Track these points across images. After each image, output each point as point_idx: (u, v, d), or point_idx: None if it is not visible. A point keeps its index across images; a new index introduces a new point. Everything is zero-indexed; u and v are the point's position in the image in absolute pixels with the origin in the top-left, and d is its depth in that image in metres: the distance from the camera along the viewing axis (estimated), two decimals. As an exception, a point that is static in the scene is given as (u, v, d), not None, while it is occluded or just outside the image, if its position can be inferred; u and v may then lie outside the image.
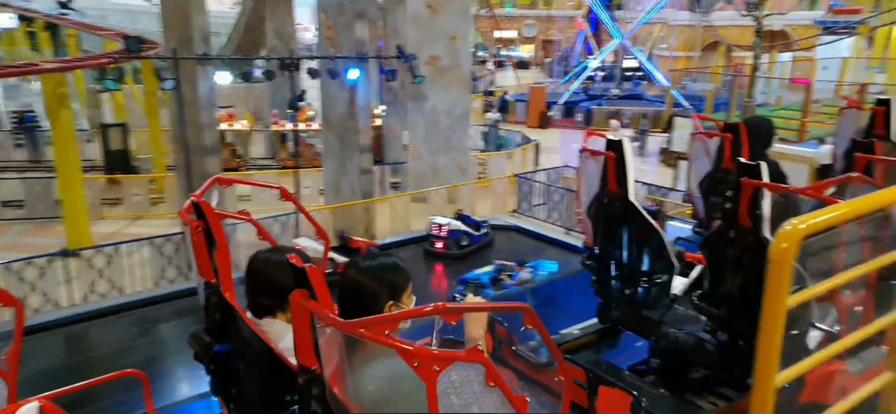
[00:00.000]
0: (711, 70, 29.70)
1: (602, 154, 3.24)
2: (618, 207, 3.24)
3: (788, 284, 1.88)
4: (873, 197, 2.04)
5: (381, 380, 1.54)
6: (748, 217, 2.71)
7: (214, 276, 2.19)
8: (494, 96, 28.16)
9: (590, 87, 29.92)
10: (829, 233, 1.77)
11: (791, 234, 1.98)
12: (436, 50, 13.90)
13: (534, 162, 18.81)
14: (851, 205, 2.02)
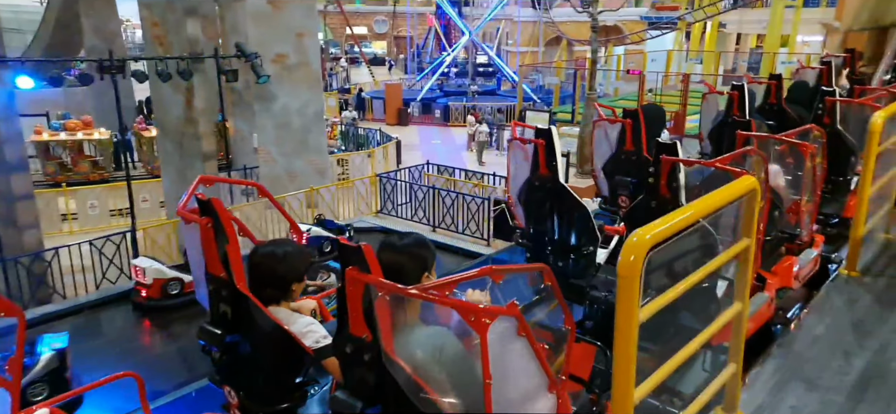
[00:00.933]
0: (556, 64, 31.47)
1: (532, 141, 3.56)
2: (548, 188, 3.55)
3: (638, 297, 1.85)
4: (712, 197, 2.21)
5: (429, 341, 1.82)
6: (667, 189, 3.11)
7: (224, 270, 2.26)
8: (350, 94, 27.56)
9: (445, 83, 30.37)
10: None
11: (637, 245, 1.92)
12: (282, 47, 13.08)
13: (396, 160, 18.60)
14: (694, 207, 2.13)
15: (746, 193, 2.58)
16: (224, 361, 2.36)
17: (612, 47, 33.47)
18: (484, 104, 25.55)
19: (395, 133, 21.10)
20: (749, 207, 2.59)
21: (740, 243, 2.58)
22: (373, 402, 1.89)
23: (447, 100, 27.17)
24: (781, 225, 3.95)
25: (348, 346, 1.90)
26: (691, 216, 2.16)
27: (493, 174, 15.31)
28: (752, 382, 3.13)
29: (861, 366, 3.17)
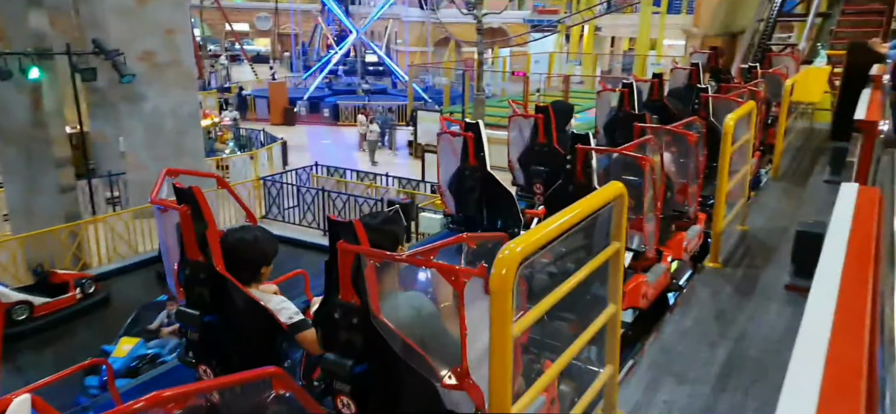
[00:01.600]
0: (445, 65, 31.80)
1: (461, 134, 3.96)
2: (477, 176, 3.96)
3: (511, 312, 1.78)
4: (582, 205, 2.27)
5: (409, 303, 2.10)
6: (582, 174, 3.57)
7: (202, 254, 2.39)
8: (231, 93, 26.15)
9: (334, 82, 29.67)
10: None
11: (508, 259, 1.86)
12: (149, 44, 12.03)
13: (282, 161, 17.84)
14: (562, 216, 2.16)
15: (615, 199, 2.61)
16: (203, 340, 2.46)
17: (498, 49, 34.34)
18: (375, 103, 25.24)
19: (280, 133, 20.26)
20: (618, 211, 2.62)
21: (611, 247, 2.61)
22: (360, 361, 2.09)
23: (336, 99, 26.56)
24: (672, 205, 4.41)
25: (337, 311, 2.11)
26: (561, 226, 2.15)
27: (386, 174, 15.10)
28: (628, 380, 3.21)
29: (724, 356, 3.36)
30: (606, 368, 2.68)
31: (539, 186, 4.28)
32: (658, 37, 30.52)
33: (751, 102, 4.58)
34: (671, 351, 3.43)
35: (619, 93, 5.18)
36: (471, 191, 4.01)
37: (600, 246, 2.56)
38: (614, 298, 2.69)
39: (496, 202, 3.91)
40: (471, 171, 3.98)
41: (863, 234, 2.33)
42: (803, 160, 7.35)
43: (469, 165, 3.96)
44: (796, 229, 3.97)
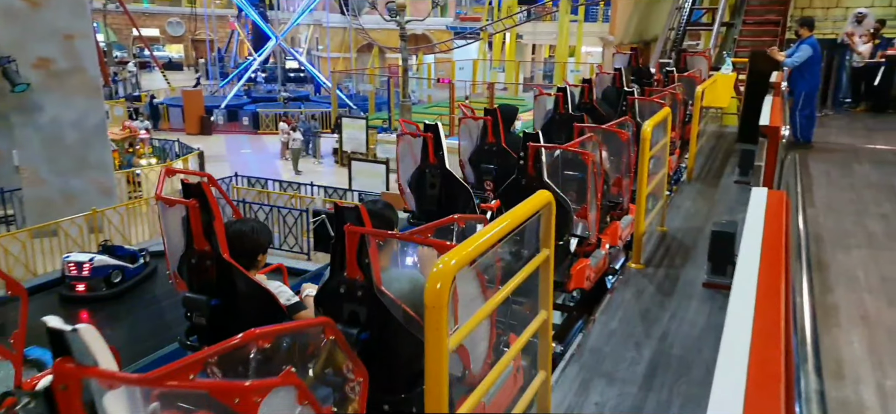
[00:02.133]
0: (369, 71, 31.52)
1: (421, 135, 4.22)
2: (437, 174, 4.19)
3: (447, 326, 1.73)
4: (513, 214, 2.29)
5: (406, 277, 2.52)
6: (533, 169, 3.90)
7: (208, 244, 2.62)
8: (141, 102, 24.76)
9: (252, 89, 28.72)
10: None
11: (443, 273, 1.81)
12: (45, 51, 11.13)
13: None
14: (495, 226, 2.18)
15: (544, 207, 2.61)
16: (208, 324, 2.68)
17: (423, 55, 34.40)
18: (297, 111, 24.62)
19: (197, 143, 19.35)
20: (547, 219, 2.62)
21: (541, 254, 2.61)
22: (364, 330, 2.36)
23: (256, 107, 25.70)
24: (609, 197, 4.72)
25: (343, 287, 2.37)
26: (493, 237, 2.15)
27: (310, 183, 14.69)
28: (560, 383, 3.23)
29: (649, 355, 3.44)
30: (539, 373, 2.67)
31: (489, 183, 4.57)
32: (577, 44, 31.56)
33: (666, 109, 4.77)
34: (600, 352, 3.48)
35: (554, 96, 5.59)
36: (431, 187, 4.29)
37: (533, 249, 2.57)
38: (545, 305, 2.68)
39: (455, 198, 4.10)
40: (430, 169, 4.24)
41: (774, 234, 2.46)
42: (715, 162, 7.76)
43: (429, 164, 4.22)
44: (711, 229, 4.14)
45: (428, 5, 28.18)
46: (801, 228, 4.80)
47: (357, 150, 19.28)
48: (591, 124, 4.76)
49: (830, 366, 3.13)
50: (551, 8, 32.97)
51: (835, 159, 7.34)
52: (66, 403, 1.36)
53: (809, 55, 7.64)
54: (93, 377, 1.40)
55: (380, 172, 15.17)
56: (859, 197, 5.85)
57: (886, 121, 9.69)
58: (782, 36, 10.07)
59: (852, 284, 3.99)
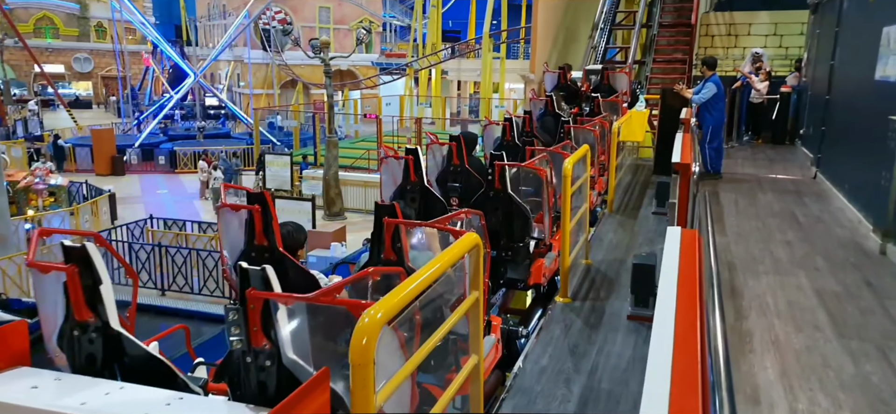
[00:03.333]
0: (293, 107, 31.01)
1: (403, 157, 4.66)
2: (418, 191, 4.63)
3: (373, 384, 1.63)
4: (440, 259, 2.29)
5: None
6: (499, 183, 4.56)
7: (266, 240, 2.98)
8: (43, 142, 23.16)
9: (169, 126, 27.55)
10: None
11: (368, 327, 1.73)
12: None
13: (110, 216, 15.99)
14: (420, 275, 2.15)
15: (472, 248, 2.58)
16: None
17: (348, 91, 34.27)
18: (217, 148, 23.76)
19: (108, 185, 18.24)
20: (475, 261, 2.59)
21: (471, 297, 2.56)
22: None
23: (173, 145, 24.60)
24: (532, 232, 4.94)
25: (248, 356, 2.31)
26: (421, 284, 2.09)
27: (230, 225, 14.13)
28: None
29: (579, 391, 3.45)
30: (471, 358, 2.62)
31: (455, 200, 5.11)
32: (500, 80, 32.42)
33: (585, 147, 4.93)
34: (531, 392, 3.46)
35: (502, 126, 6.30)
36: (411, 202, 4.74)
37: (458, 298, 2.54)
38: (476, 349, 2.63)
39: (433, 211, 4.51)
40: (412, 186, 4.69)
41: (688, 271, 2.56)
42: (633, 194, 8.08)
43: (410, 182, 4.69)
44: (632, 262, 4.26)
45: (352, 42, 28.21)
46: (714, 257, 5.03)
47: (281, 187, 18.79)
48: (539, 147, 5.53)
49: (746, 391, 3.25)
50: (474, 46, 33.85)
51: (742, 189, 7.82)
52: (254, 315, 2.16)
53: (714, 92, 8.16)
54: (271, 298, 2.16)
55: (306, 210, 14.79)
56: (765, 225, 6.23)
57: (783, 152, 10.46)
58: (689, 73, 10.75)
59: (764, 310, 4.19)
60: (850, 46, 7.64)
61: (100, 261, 2.38)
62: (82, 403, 2.06)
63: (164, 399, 2.11)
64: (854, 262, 5.10)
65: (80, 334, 2.38)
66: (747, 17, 12.88)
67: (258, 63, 33.44)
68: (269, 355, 2.18)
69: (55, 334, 2.48)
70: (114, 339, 2.36)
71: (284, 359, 2.16)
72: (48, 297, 2.47)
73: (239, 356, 2.24)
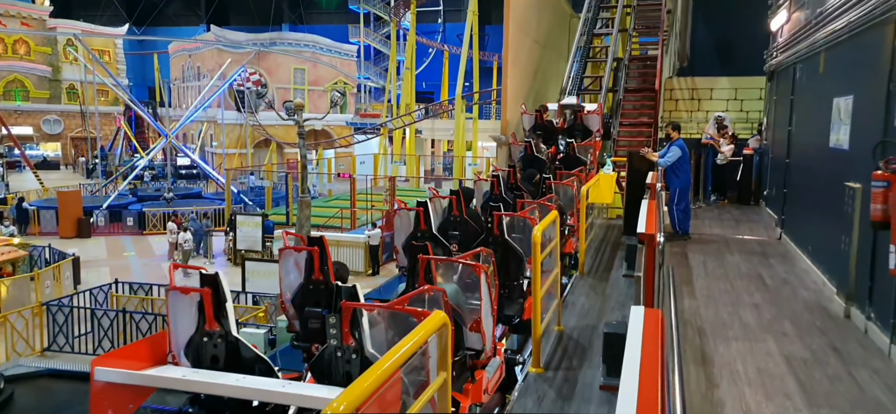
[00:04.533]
0: (266, 167, 30.92)
1: (412, 209, 5.16)
2: (427, 238, 4.97)
3: None
4: (407, 342, 2.27)
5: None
6: (498, 230, 4.92)
7: (321, 275, 3.52)
8: (6, 205, 22.57)
9: (139, 187, 27.14)
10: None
11: None
12: None
13: (73, 281, 15.48)
14: (393, 354, 2.16)
15: (439, 328, 2.54)
16: (321, 328, 3.27)
17: (322, 150, 34.37)
18: (187, 208, 23.41)
19: (73, 248, 17.74)
20: (442, 340, 2.54)
21: (438, 379, 2.51)
22: None
23: (142, 206, 24.18)
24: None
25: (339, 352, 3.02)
26: (388, 369, 2.04)
27: (199, 288, 13.76)
28: None
29: (552, 470, 3.37)
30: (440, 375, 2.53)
31: (455, 246, 5.38)
32: (473, 140, 32.88)
33: (554, 212, 4.96)
34: (504, 471, 3.36)
35: (490, 181, 6.70)
36: (421, 248, 4.99)
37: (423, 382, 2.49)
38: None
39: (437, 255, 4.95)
40: (422, 234, 5.13)
41: (651, 350, 2.57)
42: (604, 255, 8.13)
43: (421, 230, 5.18)
44: (603, 331, 4.24)
45: (327, 103, 28.48)
46: (682, 324, 5.05)
47: (252, 248, 18.52)
48: (528, 199, 6.06)
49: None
50: (448, 106, 34.45)
51: (710, 250, 7.95)
52: (345, 321, 2.82)
53: (679, 155, 8.39)
54: (359, 307, 2.86)
55: (276, 271, 14.55)
56: (733, 287, 6.31)
57: (749, 212, 10.73)
58: (655, 136, 11.05)
59: (734, 378, 4.19)
60: (805, 113, 7.97)
61: (226, 285, 3.04)
62: (236, 381, 2.79)
63: (280, 385, 2.81)
64: (820, 325, 5.16)
65: (207, 341, 3.01)
66: (709, 83, 13.39)
67: (232, 123, 33.47)
68: (354, 351, 2.87)
69: (184, 343, 3.03)
70: (233, 344, 2.99)
71: (366, 353, 2.84)
72: (183, 313, 3.04)
73: (331, 352, 2.94)
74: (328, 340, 2.97)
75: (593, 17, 14.45)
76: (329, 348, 2.93)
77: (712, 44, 13.40)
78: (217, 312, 2.95)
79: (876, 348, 4.64)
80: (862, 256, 5.12)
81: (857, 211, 5.15)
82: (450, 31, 46.67)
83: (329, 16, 50.83)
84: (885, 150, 4.56)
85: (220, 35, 35.10)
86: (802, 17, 8.17)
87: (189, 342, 3.07)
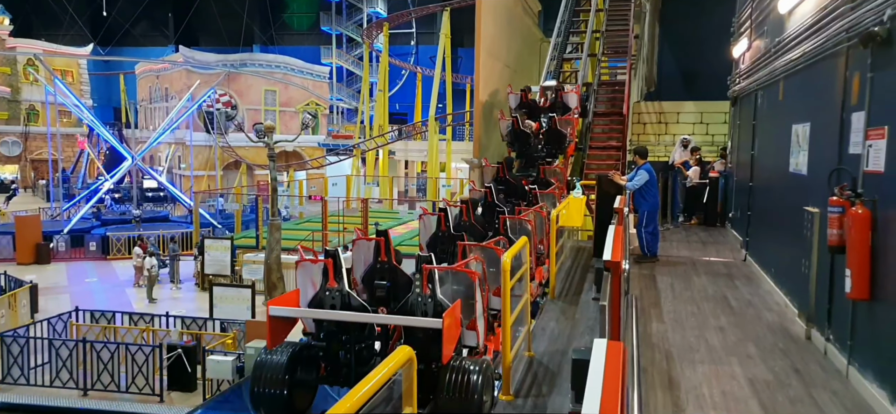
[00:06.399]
0: (235, 190, 30.48)
1: (435, 214, 5.97)
2: (447, 238, 5.78)
3: None
4: (373, 376, 2.27)
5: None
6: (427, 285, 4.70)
7: (386, 257, 4.63)
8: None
9: (102, 211, 26.46)
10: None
11: None
12: None
13: (30, 310, 14.94)
14: (357, 392, 2.15)
15: (404, 363, 2.52)
16: (386, 294, 4.57)
17: (294, 172, 34.07)
18: (153, 232, 22.90)
19: (30, 275, 17.16)
20: (408, 376, 2.53)
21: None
22: None
23: (105, 230, 23.56)
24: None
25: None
26: (354, 405, 2.03)
27: (166, 314, 13.40)
28: None
29: (521, 501, 3.34)
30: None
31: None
32: (447, 161, 32.97)
33: (523, 238, 4.98)
34: None
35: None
36: (443, 243, 5.86)
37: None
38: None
39: (455, 259, 5.22)
40: (443, 235, 5.81)
41: (611, 386, 2.60)
42: (574, 278, 8.19)
43: (441, 231, 5.83)
44: (572, 357, 4.24)
45: (298, 124, 28.29)
46: (638, 357, 5.10)
47: (220, 272, 18.15)
48: (470, 243, 5.46)
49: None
50: (421, 127, 34.55)
51: (677, 272, 8.06)
52: (424, 278, 4.22)
53: (646, 179, 8.53)
54: (433, 269, 4.17)
55: (245, 297, 14.26)
56: (700, 310, 6.40)
57: (715, 234, 10.94)
58: (623, 159, 11.24)
59: (700, 402, 4.23)
60: (766, 138, 8.20)
61: (342, 257, 4.33)
62: (352, 315, 4.21)
63: (378, 317, 4.33)
64: (783, 347, 5.26)
65: (328, 294, 4.26)
66: (675, 107, 13.71)
67: (200, 145, 32.98)
68: (429, 297, 4.14)
69: (310, 298, 4.32)
70: (346, 296, 4.25)
71: (437, 298, 4.14)
72: (310, 279, 4.35)
73: (413, 299, 4.20)
74: (412, 290, 4.23)
75: (563, 42, 14.72)
76: (412, 296, 4.20)
77: (678, 69, 13.76)
78: (336, 274, 4.26)
79: (835, 370, 4.74)
80: (820, 278, 5.25)
81: (816, 235, 5.29)
82: (423, 54, 47.02)
83: (301, 37, 50.76)
84: (840, 176, 4.71)
85: (190, 56, 34.71)
86: (762, 46, 8.45)
87: (314, 297, 4.35)
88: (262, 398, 3.98)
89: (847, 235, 4.34)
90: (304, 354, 4.22)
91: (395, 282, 4.60)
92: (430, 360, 3.95)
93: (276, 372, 3.99)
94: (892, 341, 3.99)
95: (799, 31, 6.26)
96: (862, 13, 4.59)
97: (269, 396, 3.97)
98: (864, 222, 4.22)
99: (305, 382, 4.21)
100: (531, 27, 17.35)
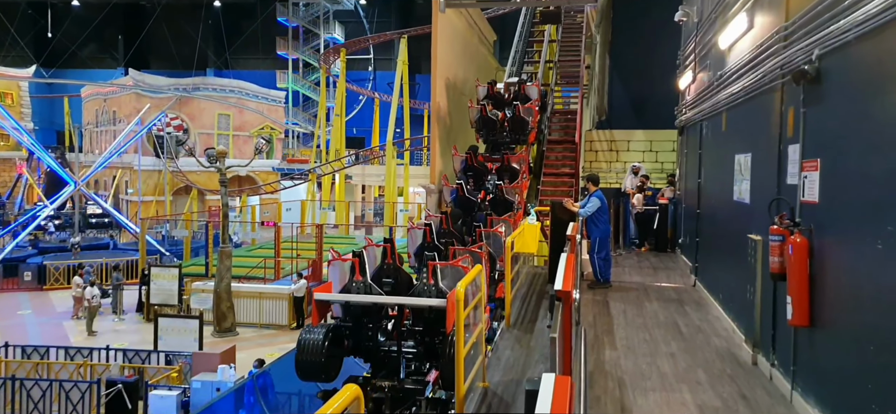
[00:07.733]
0: (185, 216, 29.58)
1: (421, 227, 6.85)
2: (432, 247, 6.67)
3: None
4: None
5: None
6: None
7: (431, 238, 6.76)
8: None
9: (41, 239, 25.23)
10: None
11: None
12: None
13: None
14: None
15: (351, 402, 2.45)
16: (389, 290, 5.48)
17: (246, 197, 33.35)
18: (95, 261, 21.92)
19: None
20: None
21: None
22: None
23: (43, 259, 22.44)
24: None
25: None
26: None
27: (106, 347, 12.74)
28: None
29: None
30: None
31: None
32: (404, 185, 32.87)
33: (478, 266, 4.96)
34: None
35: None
36: (429, 251, 6.62)
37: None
38: None
39: (444, 257, 6.38)
40: (428, 246, 6.63)
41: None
42: (530, 305, 8.21)
43: (427, 242, 6.63)
44: (525, 389, 4.21)
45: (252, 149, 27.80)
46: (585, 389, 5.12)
47: (167, 301, 17.46)
48: (459, 247, 6.75)
49: None
50: (378, 152, 34.41)
51: (630, 298, 8.18)
52: (430, 272, 5.47)
53: (598, 206, 8.68)
54: (436, 264, 5.42)
55: (192, 328, 13.72)
56: (652, 337, 6.49)
57: (666, 259, 11.19)
58: (577, 186, 11.43)
59: (652, 431, 4.25)
60: (712, 167, 8.48)
61: (367, 257, 5.38)
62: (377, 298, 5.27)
63: (398, 299, 5.29)
64: (730, 373, 5.37)
65: (355, 287, 5.20)
66: (625, 135, 14.08)
67: (149, 169, 31.95)
68: (433, 286, 5.19)
69: (339, 288, 5.27)
70: (369, 287, 5.20)
71: (439, 286, 5.16)
72: (340, 273, 5.28)
73: (420, 286, 5.34)
74: (419, 280, 5.53)
75: (518, 71, 14.99)
76: (419, 286, 5.39)
77: (628, 99, 14.14)
78: (361, 270, 5.31)
79: (780, 395, 4.85)
80: (765, 305, 5.40)
81: (759, 262, 5.45)
82: (380, 79, 47.08)
83: (256, 61, 50.13)
84: (780, 206, 4.88)
85: (140, 79, 33.77)
86: (706, 79, 8.77)
87: (343, 287, 5.27)
88: (304, 366, 4.99)
89: (787, 263, 4.48)
90: (335, 333, 5.19)
91: (398, 279, 5.65)
92: (433, 334, 5.25)
93: (316, 345, 4.99)
94: (830, 367, 4.12)
95: (738, 66, 6.53)
96: (793, 52, 4.82)
97: (309, 363, 4.98)
98: (801, 250, 4.36)
99: (335, 354, 5.19)
100: (487, 56, 17.61)
